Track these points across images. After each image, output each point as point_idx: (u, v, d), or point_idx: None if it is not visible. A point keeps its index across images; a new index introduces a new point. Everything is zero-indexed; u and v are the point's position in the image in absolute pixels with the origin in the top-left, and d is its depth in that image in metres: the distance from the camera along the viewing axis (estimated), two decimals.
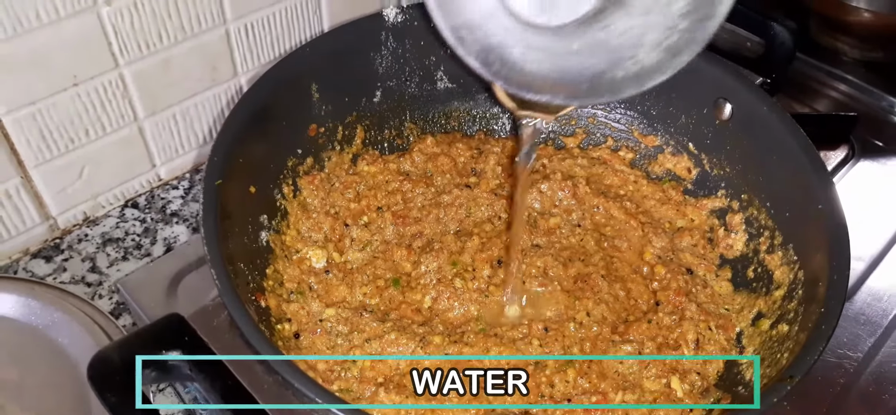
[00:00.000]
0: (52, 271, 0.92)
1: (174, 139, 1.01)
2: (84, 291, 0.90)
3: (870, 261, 0.97)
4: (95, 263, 0.94)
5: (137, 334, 0.60)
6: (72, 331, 0.81)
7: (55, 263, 0.94)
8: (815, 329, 0.62)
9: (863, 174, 1.09)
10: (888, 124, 1.18)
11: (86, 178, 0.95)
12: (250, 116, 0.75)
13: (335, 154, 0.92)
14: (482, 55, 0.50)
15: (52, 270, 0.93)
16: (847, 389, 0.83)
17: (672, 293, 0.81)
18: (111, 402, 0.51)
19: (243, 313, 0.55)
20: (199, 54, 0.96)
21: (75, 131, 0.90)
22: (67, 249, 0.95)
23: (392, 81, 0.93)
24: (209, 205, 0.63)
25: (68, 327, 0.82)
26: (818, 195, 0.73)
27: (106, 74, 0.89)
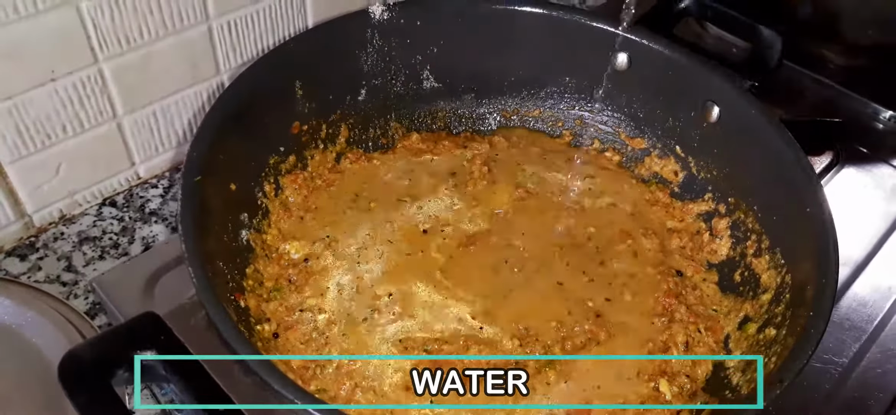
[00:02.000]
0: (27, 270, 0.91)
1: (154, 137, 1.00)
2: (59, 290, 0.89)
3: (854, 266, 0.97)
4: (71, 262, 0.92)
5: (110, 332, 0.59)
6: (45, 331, 0.79)
7: (30, 262, 0.92)
8: (804, 333, 0.62)
9: (847, 180, 1.10)
10: (873, 131, 1.19)
11: (62, 175, 0.93)
12: (232, 112, 0.74)
13: (318, 152, 0.91)
14: None
15: (27, 269, 0.91)
16: (832, 395, 0.83)
17: (662, 295, 0.81)
18: (81, 402, 0.50)
19: (221, 312, 0.54)
20: (180, 51, 0.95)
21: (52, 127, 0.89)
22: (43, 248, 0.93)
23: (377, 80, 0.92)
24: (187, 202, 0.62)
25: (42, 327, 0.79)
26: (806, 199, 0.73)
27: (84, 70, 0.88)
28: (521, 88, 1.02)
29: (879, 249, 1.00)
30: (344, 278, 0.80)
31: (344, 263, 0.82)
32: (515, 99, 1.03)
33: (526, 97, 1.03)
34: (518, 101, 1.03)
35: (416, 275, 0.81)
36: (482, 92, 1.02)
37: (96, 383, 0.52)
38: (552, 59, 0.98)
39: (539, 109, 1.03)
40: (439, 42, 0.95)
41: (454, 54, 0.96)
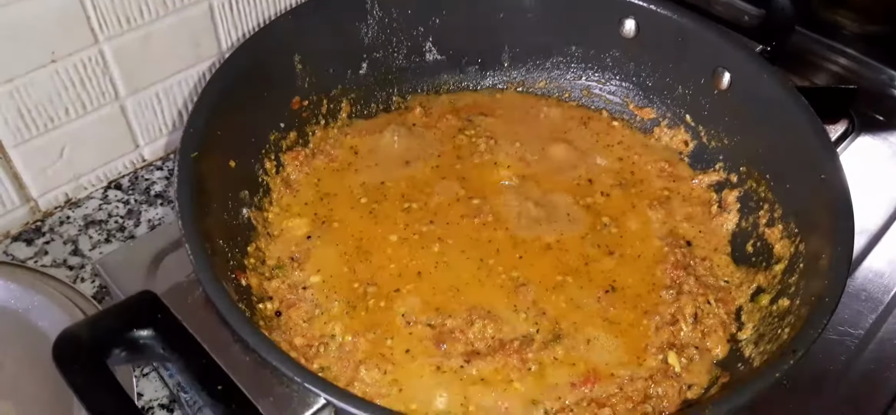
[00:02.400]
0: (33, 255, 0.91)
1: (157, 118, 0.99)
2: (66, 274, 0.89)
3: (870, 236, 0.95)
4: (77, 245, 0.92)
5: (107, 311, 0.58)
6: (52, 315, 0.79)
7: (36, 247, 0.92)
8: (819, 302, 0.60)
9: (863, 148, 1.08)
10: (888, 98, 1.18)
11: (67, 158, 0.93)
12: (229, 87, 0.73)
13: (320, 128, 0.90)
14: None
15: (33, 254, 0.91)
16: (848, 365, 0.82)
17: (670, 267, 0.79)
18: (77, 382, 0.49)
19: (218, 288, 0.53)
20: (181, 29, 0.94)
21: (54, 110, 0.89)
22: (49, 232, 0.93)
23: (378, 52, 0.91)
24: (184, 178, 0.62)
25: (49, 311, 0.79)
26: (821, 165, 0.72)
27: (85, 50, 0.87)
28: (527, 59, 1.01)
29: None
30: (348, 255, 0.80)
31: (347, 239, 0.81)
32: (520, 70, 1.01)
33: (531, 68, 1.01)
34: (523, 71, 1.01)
35: (422, 250, 0.80)
36: (486, 63, 1.00)
37: (92, 363, 0.52)
38: (557, 28, 0.97)
39: (545, 80, 1.01)
40: (441, 12, 0.93)
41: (457, 25, 0.95)
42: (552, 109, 1.00)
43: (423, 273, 0.78)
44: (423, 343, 0.72)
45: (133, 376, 0.76)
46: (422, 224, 0.83)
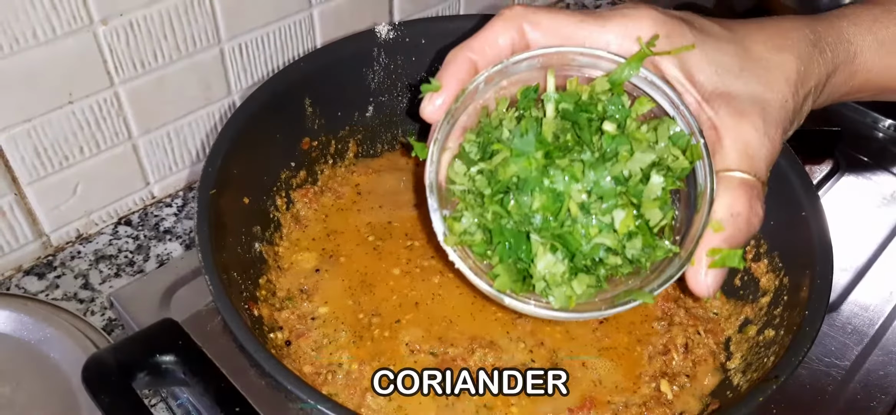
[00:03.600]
0: (45, 288, 0.93)
1: (168, 157, 1.02)
2: (76, 307, 0.91)
3: (855, 272, 0.98)
4: (88, 279, 0.94)
5: (132, 337, 0.61)
6: (64, 346, 0.81)
7: (48, 280, 0.94)
8: (800, 331, 0.63)
9: (848, 188, 1.11)
10: (872, 140, 1.20)
11: (79, 195, 0.95)
12: (244, 129, 0.75)
13: (328, 167, 0.93)
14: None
15: (45, 287, 0.93)
16: (835, 397, 0.84)
17: (661, 299, 0.81)
18: (105, 403, 0.52)
19: (236, 317, 0.56)
20: (193, 73, 0.97)
21: (70, 149, 0.91)
22: (60, 266, 0.95)
23: (384, 96, 0.94)
24: (203, 214, 0.64)
25: (60, 343, 0.82)
26: (802, 204, 0.74)
27: (101, 93, 0.90)
28: None
29: (880, 254, 1.01)
30: (355, 287, 0.82)
31: (354, 271, 0.84)
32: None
33: None
34: None
35: (424, 282, 0.83)
36: None
37: (119, 386, 0.54)
38: None
39: None
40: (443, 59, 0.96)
41: None
42: None
43: (420, 303, 0.80)
44: (429, 370, 0.73)
45: (147, 402, 0.78)
46: (423, 259, 0.85)
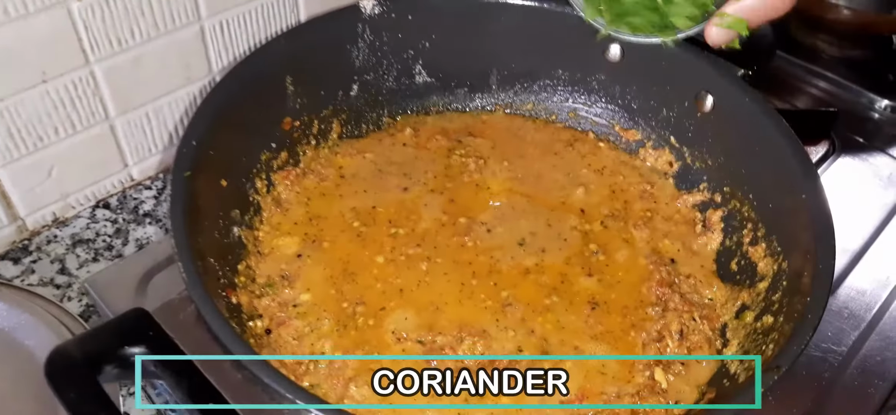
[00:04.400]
0: (20, 273, 0.90)
1: (147, 138, 0.99)
2: (53, 293, 0.88)
3: (852, 255, 0.96)
4: (65, 264, 0.92)
5: (99, 328, 0.58)
6: (39, 333, 0.79)
7: (23, 265, 0.91)
8: (802, 319, 0.61)
9: (844, 169, 1.09)
10: (868, 120, 1.19)
11: (55, 177, 0.93)
12: (222, 108, 0.73)
13: (310, 148, 0.91)
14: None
15: (20, 272, 0.90)
16: (832, 382, 0.82)
17: (655, 284, 0.80)
18: (70, 399, 0.49)
19: (210, 306, 0.53)
20: (172, 51, 0.95)
21: (44, 129, 0.89)
22: (36, 251, 0.93)
23: (369, 75, 0.92)
24: (177, 196, 0.62)
25: (35, 330, 0.79)
26: (802, 185, 0.72)
27: (76, 71, 0.88)
28: (515, 82, 1.02)
29: (877, 237, 0.99)
30: (337, 274, 0.80)
31: (337, 258, 0.81)
32: (508, 92, 1.02)
33: (519, 91, 1.02)
34: (511, 94, 1.02)
35: (410, 270, 0.81)
36: (475, 86, 1.01)
37: (84, 380, 0.51)
38: (545, 52, 0.98)
39: (532, 103, 1.02)
40: (431, 36, 0.94)
41: (446, 48, 0.96)
42: (539, 131, 1.01)
43: (405, 290, 0.78)
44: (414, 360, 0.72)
45: (119, 395, 0.76)
46: (408, 246, 0.83)
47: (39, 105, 0.86)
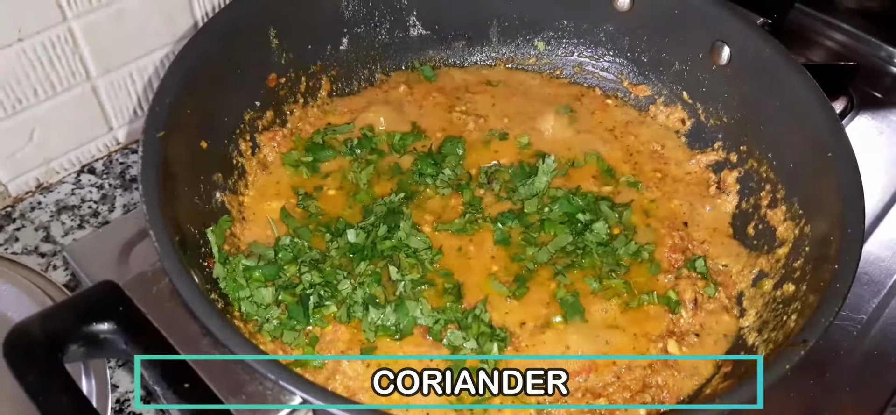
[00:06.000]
0: (3, 242, 0.88)
1: (132, 99, 0.96)
2: (37, 262, 0.86)
3: (872, 218, 0.94)
4: (49, 232, 0.90)
5: (63, 303, 0.54)
6: (22, 304, 0.77)
7: (7, 233, 0.89)
8: (829, 289, 0.57)
9: (862, 127, 1.07)
10: (887, 75, 1.16)
11: (37, 141, 0.91)
12: (200, 63, 0.70)
13: (299, 107, 0.88)
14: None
15: (4, 240, 0.88)
16: (850, 352, 0.80)
17: (667, 250, 0.77)
18: (29, 382, 0.45)
19: (184, 276, 0.50)
20: (155, 6, 0.91)
21: (23, 91, 0.86)
22: (19, 218, 0.91)
23: (360, 27, 0.88)
24: (149, 160, 0.58)
25: (18, 301, 0.77)
26: (828, 143, 0.69)
27: (53, 28, 0.85)
28: (516, 34, 0.98)
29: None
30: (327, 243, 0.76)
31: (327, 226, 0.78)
32: (509, 46, 0.99)
33: (521, 43, 0.98)
34: (512, 47, 0.99)
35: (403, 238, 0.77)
36: (474, 39, 0.98)
37: (45, 361, 0.48)
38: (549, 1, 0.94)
39: (535, 56, 0.98)
40: None
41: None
42: (543, 86, 0.97)
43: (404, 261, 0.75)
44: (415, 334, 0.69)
45: (107, 367, 0.74)
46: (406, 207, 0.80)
47: (16, 65, 0.84)
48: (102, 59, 0.90)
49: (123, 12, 0.88)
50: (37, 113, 0.88)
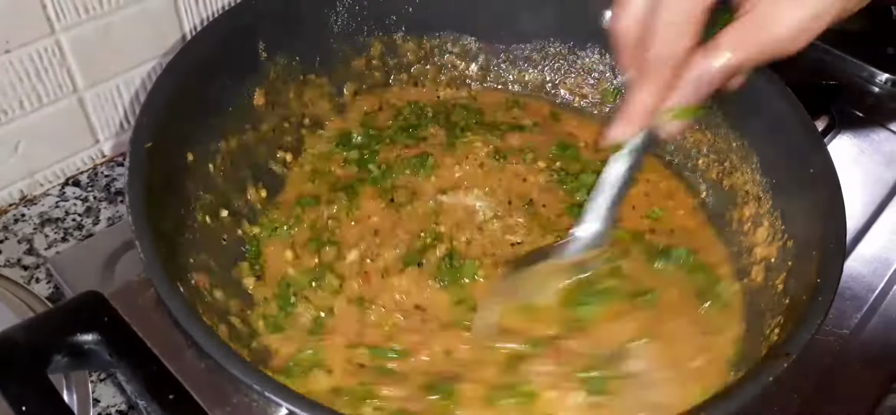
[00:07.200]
0: None
1: (118, 112, 0.97)
2: (20, 274, 0.86)
3: (854, 234, 0.94)
4: (33, 244, 0.89)
5: (47, 314, 0.54)
6: (4, 317, 0.76)
7: None
8: (811, 302, 0.58)
9: (844, 145, 1.08)
10: (868, 95, 1.17)
11: (22, 153, 0.90)
12: (188, 75, 0.69)
13: None
14: None
15: None
16: (833, 366, 0.81)
17: None
18: (12, 393, 0.45)
19: (168, 286, 0.49)
20: (143, 19, 0.92)
21: (8, 103, 0.86)
22: (2, 230, 0.90)
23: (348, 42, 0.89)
24: (136, 169, 0.57)
25: (0, 314, 0.76)
26: (810, 160, 0.70)
27: (41, 40, 0.85)
28: (500, 52, 0.98)
29: (879, 215, 0.98)
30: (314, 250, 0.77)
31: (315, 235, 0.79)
32: (495, 62, 0.98)
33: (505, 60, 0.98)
34: (497, 64, 0.98)
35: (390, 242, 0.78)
36: (461, 54, 0.97)
37: (30, 372, 0.47)
38: (534, 19, 0.94)
39: (521, 72, 0.98)
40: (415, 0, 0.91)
41: (430, 13, 0.92)
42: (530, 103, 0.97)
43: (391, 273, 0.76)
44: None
45: (89, 382, 0.73)
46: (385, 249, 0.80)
47: (3, 77, 0.84)
48: (89, 72, 0.90)
49: (111, 26, 0.89)
50: (22, 125, 0.88)
